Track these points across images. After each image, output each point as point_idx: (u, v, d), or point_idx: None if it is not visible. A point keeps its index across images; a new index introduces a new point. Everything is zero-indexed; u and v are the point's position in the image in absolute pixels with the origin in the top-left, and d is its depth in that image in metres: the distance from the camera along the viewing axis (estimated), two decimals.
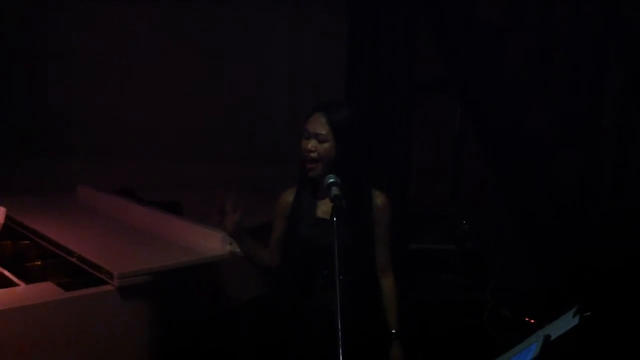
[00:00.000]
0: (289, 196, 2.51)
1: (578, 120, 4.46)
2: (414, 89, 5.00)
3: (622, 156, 4.32)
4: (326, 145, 2.38)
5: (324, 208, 2.44)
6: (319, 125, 2.39)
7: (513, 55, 4.69)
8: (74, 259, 2.68)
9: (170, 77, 4.81)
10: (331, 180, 2.26)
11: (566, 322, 1.87)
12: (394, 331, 2.49)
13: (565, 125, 4.49)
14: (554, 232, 4.27)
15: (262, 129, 4.98)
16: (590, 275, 3.85)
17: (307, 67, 5.05)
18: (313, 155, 2.38)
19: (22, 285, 2.50)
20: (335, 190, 2.22)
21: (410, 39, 5.01)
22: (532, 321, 3.57)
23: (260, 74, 4.98)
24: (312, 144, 2.38)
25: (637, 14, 4.24)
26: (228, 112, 4.89)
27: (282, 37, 5.06)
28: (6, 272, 2.60)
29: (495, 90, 4.70)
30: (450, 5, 4.86)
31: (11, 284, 2.52)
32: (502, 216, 4.60)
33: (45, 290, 2.43)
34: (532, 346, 1.84)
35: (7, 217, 2.88)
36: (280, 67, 5.03)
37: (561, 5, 4.48)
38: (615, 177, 4.33)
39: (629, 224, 4.05)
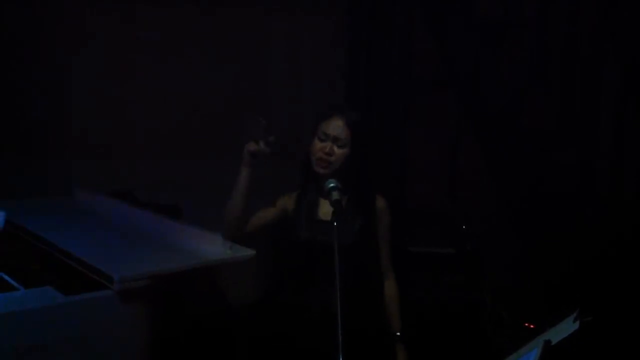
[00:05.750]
0: (290, 199, 2.52)
1: (577, 120, 4.46)
2: (412, 88, 5.00)
3: (621, 155, 4.31)
4: (345, 150, 2.38)
5: (324, 209, 2.44)
6: (340, 130, 2.39)
7: (512, 54, 4.69)
8: (73, 263, 2.68)
9: (170, 78, 4.80)
10: (332, 184, 2.27)
11: (567, 327, 1.87)
12: (398, 333, 2.49)
13: (565, 124, 4.49)
14: (554, 233, 4.28)
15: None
16: (589, 276, 3.85)
17: (307, 68, 5.04)
18: (331, 159, 2.37)
19: (21, 289, 2.49)
20: (335, 195, 2.23)
21: (408, 38, 5.01)
22: (532, 326, 3.58)
23: (260, 74, 4.97)
24: (330, 147, 2.37)
25: (637, 12, 4.23)
26: (228, 112, 4.88)
27: (282, 37, 5.05)
28: (5, 276, 2.60)
29: (494, 89, 4.70)
30: (449, 4, 4.86)
31: (10, 288, 2.51)
32: (500, 216, 4.60)
33: (44, 295, 2.41)
34: (533, 352, 1.84)
35: (7, 221, 2.87)
36: (279, 67, 5.02)
37: (561, 3, 4.47)
38: (614, 176, 4.33)
39: (628, 224, 4.05)
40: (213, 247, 2.69)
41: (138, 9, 4.74)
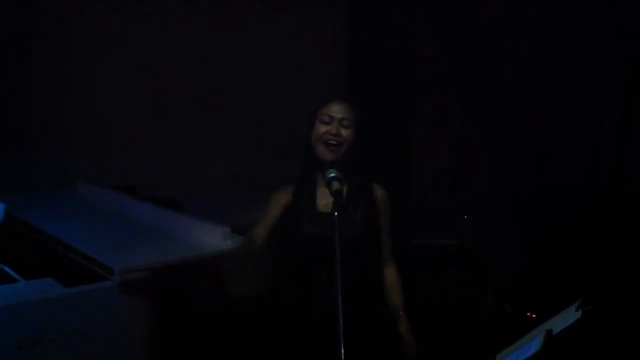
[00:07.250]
0: (287, 193, 2.51)
1: (577, 120, 4.47)
2: (412, 88, 5.01)
3: (621, 155, 4.32)
4: (351, 130, 2.39)
5: (323, 201, 2.43)
6: (345, 111, 2.41)
7: (512, 54, 4.69)
8: (73, 255, 2.68)
9: (170, 77, 4.81)
10: (332, 174, 2.26)
11: (568, 317, 1.87)
12: (402, 313, 2.49)
13: (565, 124, 4.49)
14: (554, 232, 4.27)
15: (261, 128, 4.98)
16: (590, 276, 3.85)
17: (307, 68, 5.05)
18: (339, 139, 2.38)
19: (22, 281, 2.49)
20: (336, 185, 2.22)
21: (408, 38, 5.01)
22: (534, 316, 3.57)
23: (260, 73, 4.98)
24: (337, 128, 2.38)
25: (637, 12, 4.24)
26: (228, 111, 4.90)
27: (282, 36, 5.06)
28: (6, 268, 2.60)
29: (494, 89, 4.71)
30: (449, 4, 4.87)
31: (11, 280, 2.51)
32: (501, 216, 4.60)
33: (45, 286, 2.42)
34: (535, 340, 1.84)
35: (7, 213, 2.87)
36: (280, 67, 5.03)
37: (561, 4, 4.48)
38: (615, 176, 4.33)
39: (628, 223, 4.05)
40: (213, 239, 2.70)
41: (138, 8, 4.76)
